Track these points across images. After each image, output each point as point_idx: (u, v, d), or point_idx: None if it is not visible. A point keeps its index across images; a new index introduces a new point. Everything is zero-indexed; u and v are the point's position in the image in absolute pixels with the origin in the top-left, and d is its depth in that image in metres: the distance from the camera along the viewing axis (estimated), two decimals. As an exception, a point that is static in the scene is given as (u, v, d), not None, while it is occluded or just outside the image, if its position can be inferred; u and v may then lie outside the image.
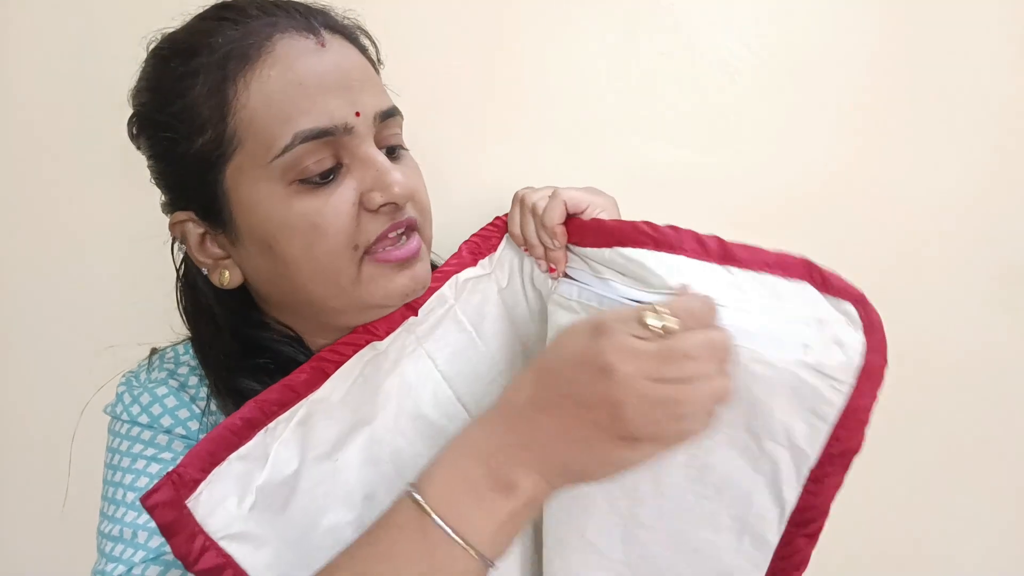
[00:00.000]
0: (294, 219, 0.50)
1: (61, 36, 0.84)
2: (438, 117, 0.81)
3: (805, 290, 0.45)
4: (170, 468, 0.51)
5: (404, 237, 0.54)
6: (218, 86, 0.49)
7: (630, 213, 0.82)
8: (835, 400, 0.43)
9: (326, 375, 0.52)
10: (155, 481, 0.50)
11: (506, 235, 0.63)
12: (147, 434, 0.54)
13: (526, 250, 0.61)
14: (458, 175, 0.81)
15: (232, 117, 0.49)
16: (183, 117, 0.50)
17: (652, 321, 0.40)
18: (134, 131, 0.55)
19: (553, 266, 0.59)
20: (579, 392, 0.40)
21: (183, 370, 0.59)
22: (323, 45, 0.51)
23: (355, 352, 0.54)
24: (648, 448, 0.41)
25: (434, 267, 0.62)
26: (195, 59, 0.50)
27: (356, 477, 0.51)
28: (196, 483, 0.44)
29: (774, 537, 0.46)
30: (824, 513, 0.45)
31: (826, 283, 0.45)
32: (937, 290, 0.83)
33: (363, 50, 0.57)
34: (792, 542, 0.45)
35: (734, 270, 0.47)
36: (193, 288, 0.60)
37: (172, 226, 0.56)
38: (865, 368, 0.43)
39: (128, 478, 0.52)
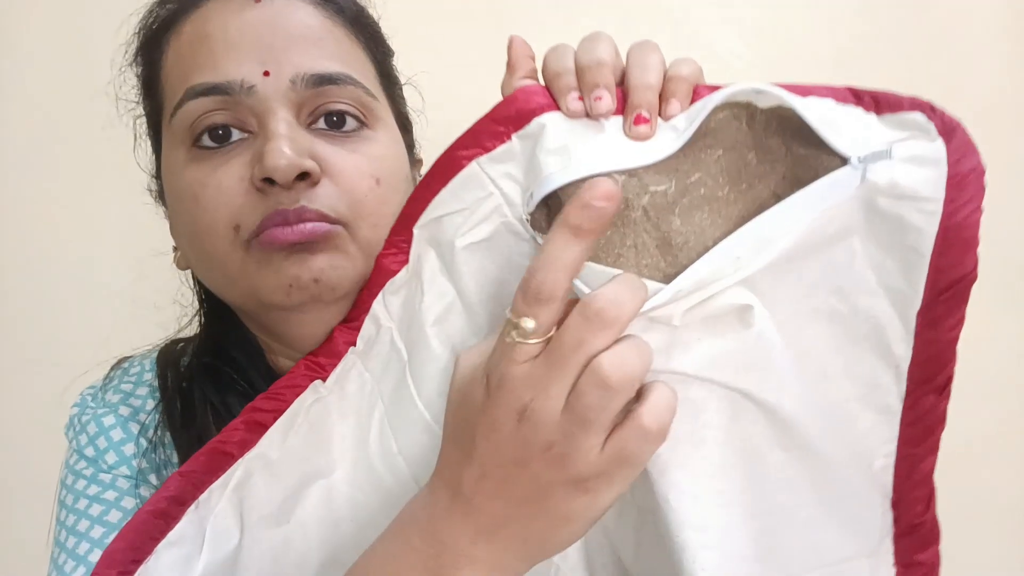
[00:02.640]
0: (182, 189, 0.45)
1: (63, 31, 0.84)
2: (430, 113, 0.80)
3: (855, 113, 0.38)
4: (112, 508, 0.47)
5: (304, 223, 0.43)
6: (152, 53, 0.49)
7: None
8: (925, 225, 0.35)
9: (264, 427, 0.44)
10: (95, 524, 0.47)
11: (415, 227, 0.46)
12: (90, 471, 0.50)
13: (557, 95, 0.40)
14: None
15: (159, 82, 0.49)
16: (143, 88, 0.51)
17: (518, 338, 0.32)
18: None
19: (645, 114, 0.37)
20: (505, 454, 0.34)
21: (142, 391, 0.53)
22: (257, 0, 0.46)
23: (296, 396, 0.45)
24: (606, 487, 0.34)
25: None
26: (144, 29, 0.51)
27: (315, 541, 0.43)
28: None
29: (897, 402, 0.38)
30: (950, 360, 0.37)
31: (878, 104, 0.38)
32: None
33: (331, 9, 0.49)
34: (919, 402, 0.38)
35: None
36: None
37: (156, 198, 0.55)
38: (953, 177, 0.35)
39: (71, 519, 0.48)
